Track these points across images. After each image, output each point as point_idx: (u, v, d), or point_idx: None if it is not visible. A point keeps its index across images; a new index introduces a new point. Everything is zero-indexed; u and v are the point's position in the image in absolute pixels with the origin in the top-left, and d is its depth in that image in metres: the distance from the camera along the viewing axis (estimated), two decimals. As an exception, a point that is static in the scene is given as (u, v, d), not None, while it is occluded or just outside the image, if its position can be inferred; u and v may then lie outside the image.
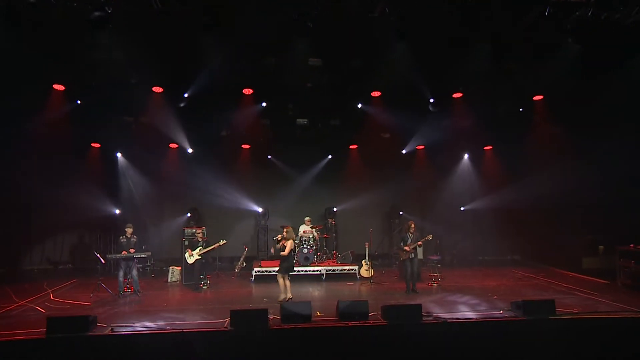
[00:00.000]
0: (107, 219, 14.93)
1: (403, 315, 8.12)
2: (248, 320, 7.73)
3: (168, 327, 7.92)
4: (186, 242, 12.83)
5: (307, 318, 8.02)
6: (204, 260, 12.30)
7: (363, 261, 13.32)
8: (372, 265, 13.31)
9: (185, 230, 13.20)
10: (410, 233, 11.49)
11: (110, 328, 7.75)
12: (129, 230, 11.47)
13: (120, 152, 15.26)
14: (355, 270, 13.32)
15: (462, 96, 13.48)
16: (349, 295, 11.12)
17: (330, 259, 14.65)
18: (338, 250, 15.31)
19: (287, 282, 10.07)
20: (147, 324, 8.27)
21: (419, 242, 11.37)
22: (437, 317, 8.42)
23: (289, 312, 8.07)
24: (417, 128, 14.42)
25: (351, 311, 8.25)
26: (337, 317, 8.23)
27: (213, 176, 15.39)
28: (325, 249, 15.05)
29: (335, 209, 16.51)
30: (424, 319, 8.15)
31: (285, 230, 9.99)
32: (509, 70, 11.96)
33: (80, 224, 14.99)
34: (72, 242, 15.22)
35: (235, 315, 7.78)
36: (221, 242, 11.77)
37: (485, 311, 9.04)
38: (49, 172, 13.27)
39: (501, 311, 8.82)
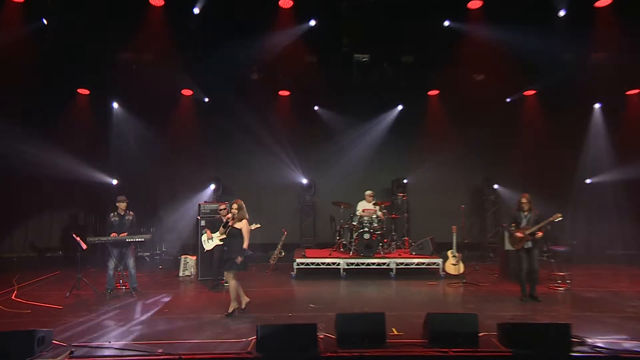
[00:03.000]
0: (102, 191, 13.72)
1: (538, 341, 6.00)
2: (285, 340, 5.99)
3: (160, 350, 5.93)
4: (202, 222, 11.30)
5: (379, 339, 6.26)
6: (226, 248, 10.32)
7: (449, 252, 11.52)
8: (462, 258, 11.44)
9: (202, 206, 11.68)
10: (525, 212, 9.06)
11: (69, 350, 5.85)
12: (122, 205, 9.96)
13: (117, 102, 13.93)
14: (438, 264, 11.51)
15: (611, 3, 10.53)
16: (434, 302, 9.33)
17: (400, 248, 12.91)
18: (411, 237, 13.60)
19: (233, 283, 8.26)
20: (130, 342, 6.48)
21: (538, 230, 8.89)
22: (595, 347, 6.03)
23: (349, 329, 6.25)
24: (530, 62, 11.85)
25: (449, 330, 6.27)
26: (427, 338, 6.37)
27: (240, 135, 14.11)
28: (393, 234, 13.22)
29: (405, 181, 14.74)
30: (574, 348, 5.94)
31: (234, 205, 8.12)
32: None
33: (70, 200, 14.14)
34: (63, 224, 14.33)
35: (265, 332, 6.00)
36: (253, 226, 10.00)
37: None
38: (20, 129, 11.96)
39: None
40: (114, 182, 13.75)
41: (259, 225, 9.98)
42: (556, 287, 10.03)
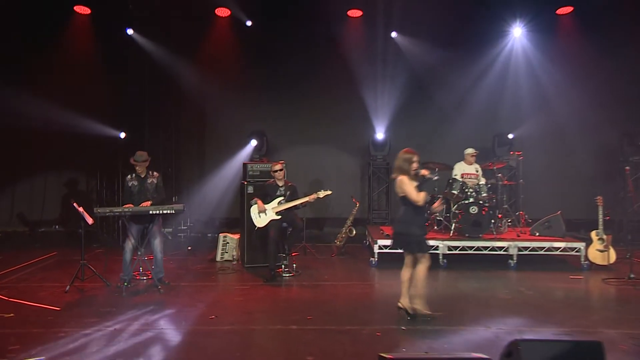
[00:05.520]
0: (109, 147, 12.53)
1: None
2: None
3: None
4: (250, 188, 9.73)
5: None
6: (285, 224, 9.03)
7: (593, 233, 9.78)
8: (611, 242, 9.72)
9: (249, 167, 10.11)
10: None
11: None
12: (142, 165, 8.28)
13: (132, 28, 12.42)
14: (580, 250, 9.78)
15: None
16: (610, 311, 7.51)
17: (516, 227, 11.20)
18: (527, 212, 11.93)
19: (422, 270, 6.48)
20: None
21: None
22: None
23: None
24: None
25: None
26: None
27: (292, 72, 13.03)
28: (505, 207, 11.43)
29: (511, 136, 13.02)
30: None
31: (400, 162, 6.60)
32: None
33: (69, 159, 13.19)
34: (59, 190, 13.50)
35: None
36: (320, 194, 9.06)
37: None
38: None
39: None
40: (122, 135, 12.52)
41: (329, 192, 9.16)
42: None
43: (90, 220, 8.01)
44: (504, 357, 4.36)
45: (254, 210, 8.97)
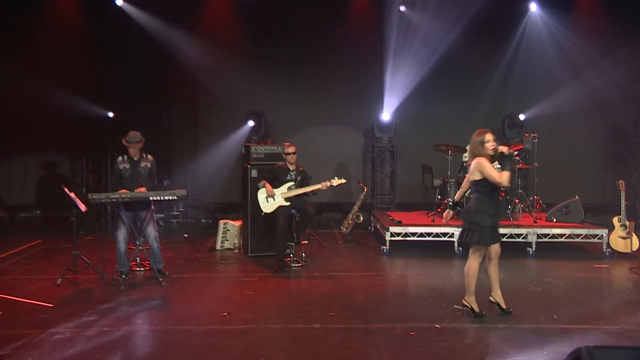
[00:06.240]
0: (95, 128, 12.00)
1: None
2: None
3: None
4: (254, 172, 9.20)
5: None
6: (293, 211, 8.61)
7: (615, 219, 9.40)
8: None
9: (253, 149, 9.58)
10: None
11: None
12: (135, 147, 7.69)
13: None
14: (602, 237, 9.48)
15: None
16: None
17: (531, 212, 10.71)
18: (542, 196, 11.50)
19: (493, 267, 6.05)
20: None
21: None
22: None
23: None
24: None
25: None
26: None
27: (294, 50, 12.54)
28: (520, 192, 10.97)
29: (522, 117, 12.57)
30: None
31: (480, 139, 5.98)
32: None
33: (50, 140, 12.56)
34: (40, 173, 12.97)
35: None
36: (334, 182, 8.66)
37: None
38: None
39: None
40: (110, 114, 12.01)
41: (343, 181, 8.79)
42: None
43: (83, 207, 7.40)
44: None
45: (261, 193, 8.51)
